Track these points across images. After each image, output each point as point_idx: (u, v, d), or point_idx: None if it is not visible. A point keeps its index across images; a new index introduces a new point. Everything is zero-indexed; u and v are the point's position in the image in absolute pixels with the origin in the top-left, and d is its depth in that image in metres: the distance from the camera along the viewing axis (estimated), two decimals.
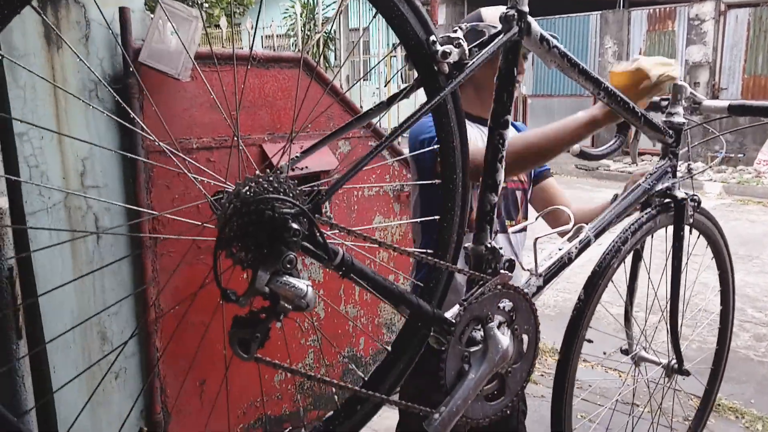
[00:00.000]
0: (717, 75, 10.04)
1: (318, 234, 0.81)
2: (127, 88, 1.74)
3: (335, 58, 14.68)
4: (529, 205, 1.78)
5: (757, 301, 4.42)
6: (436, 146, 1.03)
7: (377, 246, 0.91)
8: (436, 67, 0.94)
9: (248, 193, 0.78)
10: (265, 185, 0.78)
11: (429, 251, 1.02)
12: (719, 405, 2.98)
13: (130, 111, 1.67)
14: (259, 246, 0.77)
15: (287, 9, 13.90)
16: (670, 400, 1.86)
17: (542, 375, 3.30)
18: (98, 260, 1.77)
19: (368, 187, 2.46)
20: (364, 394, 0.99)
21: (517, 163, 1.32)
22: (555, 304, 4.33)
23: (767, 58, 9.58)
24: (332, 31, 14.51)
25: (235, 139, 1.99)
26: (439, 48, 0.92)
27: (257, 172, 0.79)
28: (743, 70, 9.84)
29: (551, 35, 1.11)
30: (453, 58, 0.94)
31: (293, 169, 1.87)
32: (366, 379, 1.07)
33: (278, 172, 0.82)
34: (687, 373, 1.58)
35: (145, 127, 1.75)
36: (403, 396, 1.50)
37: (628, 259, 1.55)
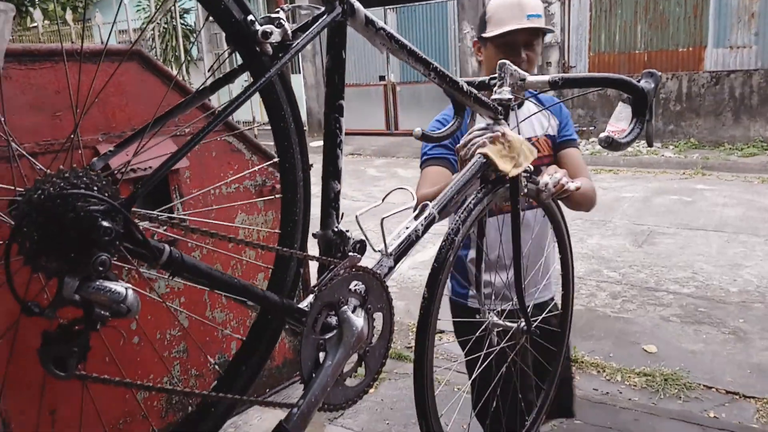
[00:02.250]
0: (566, 54, 10.74)
1: (136, 231, 0.74)
2: None
3: (198, 51, 14.11)
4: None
5: (611, 261, 4.78)
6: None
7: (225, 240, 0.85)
8: (258, 49, 0.90)
9: (42, 195, 0.69)
10: (63, 184, 0.70)
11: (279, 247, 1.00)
12: (582, 362, 3.19)
13: None
14: (63, 251, 0.69)
15: (140, 2, 13.18)
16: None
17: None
18: None
19: (225, 183, 2.35)
20: (214, 397, 1.00)
21: None
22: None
23: (609, 36, 10.38)
24: (189, 23, 13.91)
25: (64, 141, 1.81)
26: (259, 28, 0.89)
27: (47, 171, 0.71)
28: (589, 49, 10.60)
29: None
30: (275, 38, 0.91)
31: (134, 171, 1.74)
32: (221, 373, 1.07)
33: (87, 167, 0.74)
34: (536, 333, 1.64)
35: None
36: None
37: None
